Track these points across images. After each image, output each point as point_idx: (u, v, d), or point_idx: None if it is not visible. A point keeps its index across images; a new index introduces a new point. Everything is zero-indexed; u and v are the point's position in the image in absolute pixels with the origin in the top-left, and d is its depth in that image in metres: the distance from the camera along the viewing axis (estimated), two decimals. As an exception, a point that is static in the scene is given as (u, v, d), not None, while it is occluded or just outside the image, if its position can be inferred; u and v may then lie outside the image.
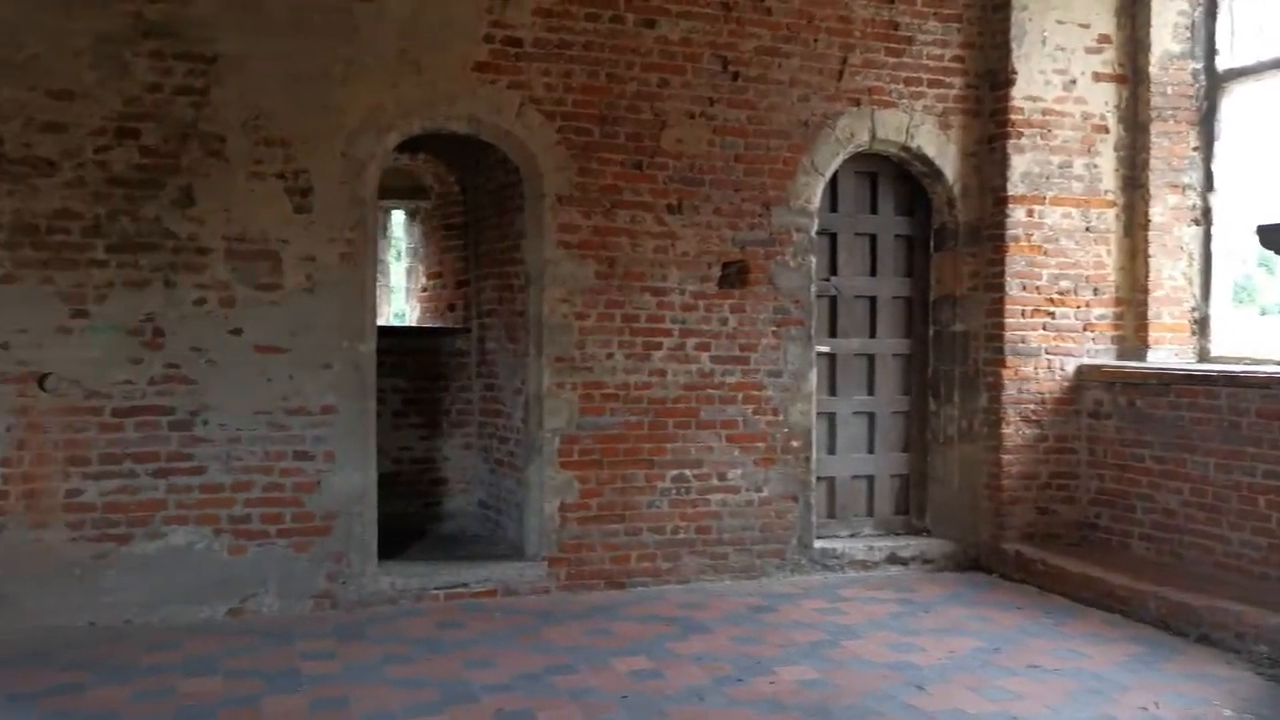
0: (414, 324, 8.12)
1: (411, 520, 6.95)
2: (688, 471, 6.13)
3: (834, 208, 6.69)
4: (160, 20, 5.14)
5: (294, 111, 5.37)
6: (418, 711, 4.11)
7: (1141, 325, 6.63)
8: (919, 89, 6.54)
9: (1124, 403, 6.30)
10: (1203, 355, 6.60)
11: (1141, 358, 6.56)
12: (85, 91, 5.05)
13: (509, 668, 4.63)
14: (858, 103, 6.41)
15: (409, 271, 8.41)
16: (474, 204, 7.32)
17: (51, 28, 4.99)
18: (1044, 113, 6.54)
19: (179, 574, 5.22)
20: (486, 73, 5.69)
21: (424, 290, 8.01)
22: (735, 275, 6.22)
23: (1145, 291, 6.62)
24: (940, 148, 6.61)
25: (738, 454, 6.24)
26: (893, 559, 6.55)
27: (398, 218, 8.46)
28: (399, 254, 9.05)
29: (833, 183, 6.59)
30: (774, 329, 6.30)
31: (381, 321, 6.81)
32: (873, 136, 6.46)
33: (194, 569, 5.24)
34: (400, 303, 8.96)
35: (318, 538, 5.44)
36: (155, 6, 5.13)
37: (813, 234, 6.39)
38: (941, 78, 6.58)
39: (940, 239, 6.86)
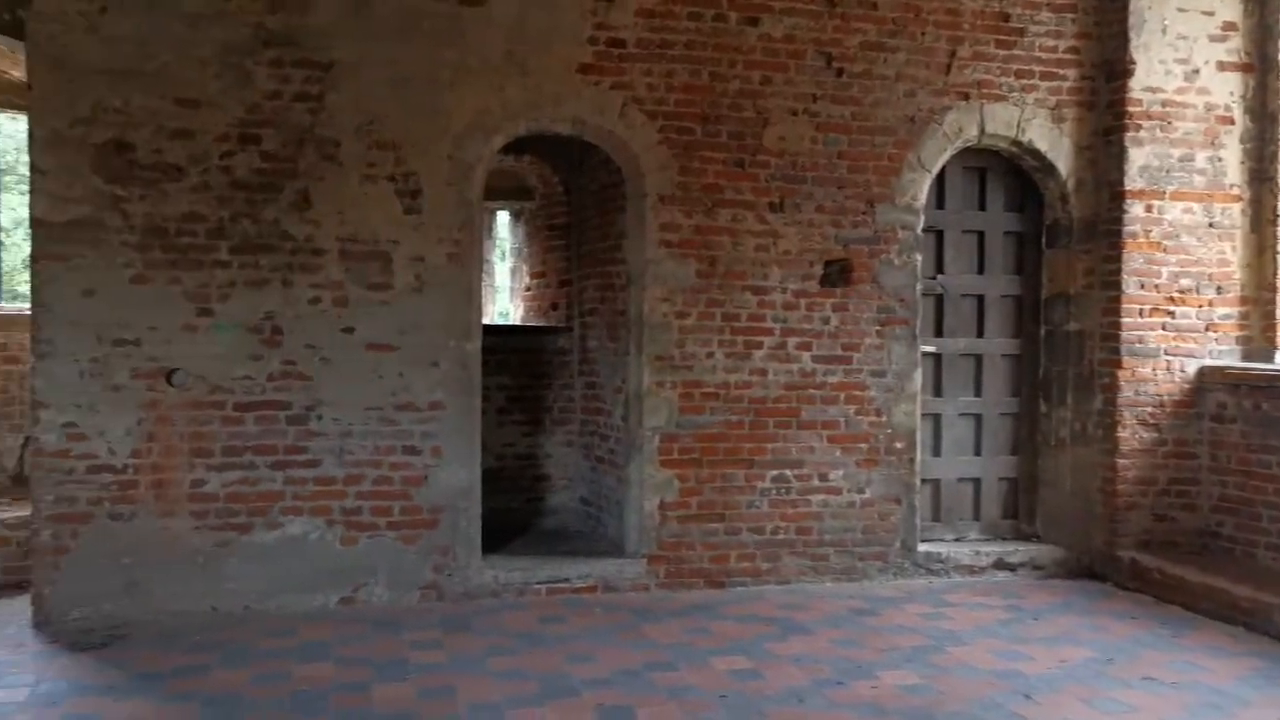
0: (518, 323, 8.26)
1: (514, 515, 7.08)
2: (788, 472, 6.09)
3: (940, 204, 6.56)
4: (280, 30, 5.35)
5: (404, 116, 5.52)
6: (520, 703, 4.18)
7: (1269, 325, 6.33)
8: (1031, 81, 6.36)
9: (1249, 406, 6.01)
10: (1337, 357, 6.27)
11: (1269, 359, 6.25)
12: (210, 100, 5.28)
13: (609, 663, 4.68)
14: (966, 97, 6.27)
15: (513, 271, 8.57)
16: (577, 204, 7.40)
17: (180, 39, 5.23)
18: (1164, 104, 6.28)
19: (294, 563, 5.42)
20: (590, 74, 5.76)
21: (528, 289, 8.14)
22: (838, 274, 6.15)
23: (1273, 289, 6.31)
24: (1053, 142, 6.41)
25: (839, 455, 6.17)
26: (1000, 564, 6.38)
27: (503, 218, 8.61)
28: (504, 254, 9.22)
29: (939, 179, 6.46)
30: (878, 328, 6.21)
31: (487, 320, 6.94)
32: (982, 131, 6.30)
33: (308, 558, 5.44)
34: (505, 302, 9.12)
35: (425, 530, 5.58)
36: (275, 17, 5.34)
37: (918, 231, 6.28)
38: (1055, 70, 6.39)
39: (1053, 236, 6.66)
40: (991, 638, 5.18)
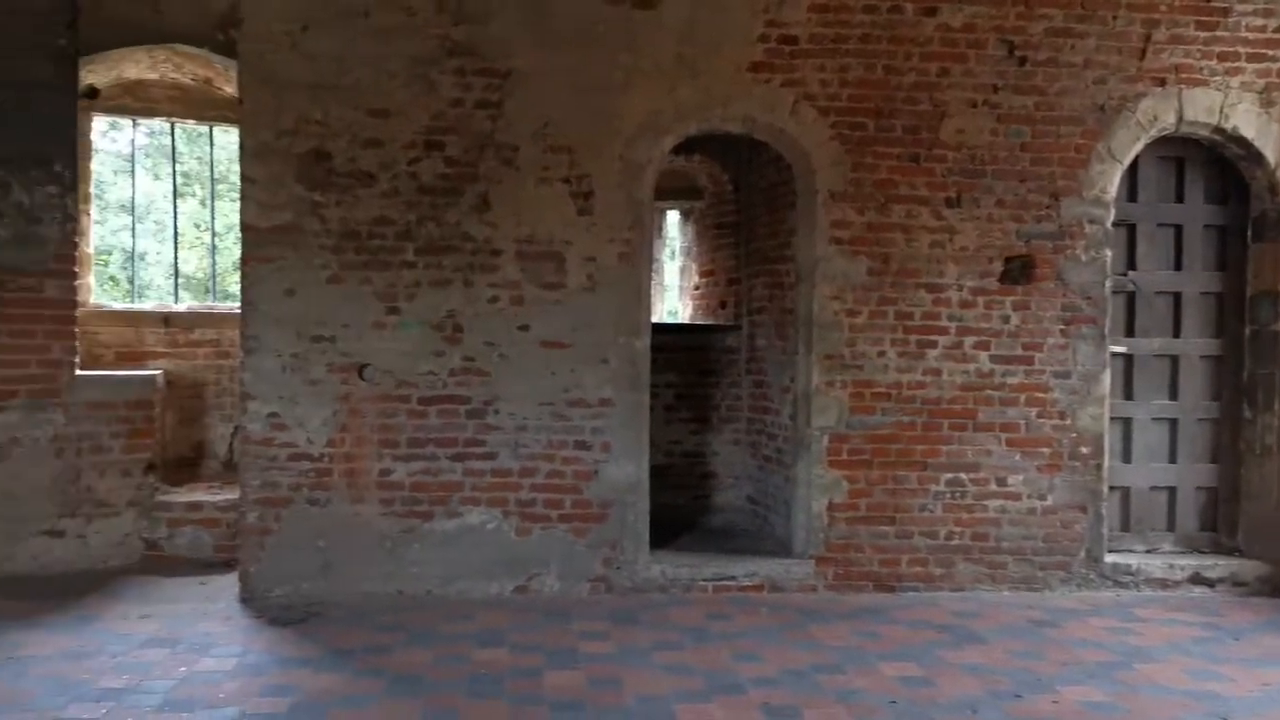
0: (686, 321, 8.32)
1: (681, 512, 7.15)
2: (963, 475, 5.91)
3: (1133, 197, 6.21)
4: (463, 41, 5.59)
5: (578, 119, 5.66)
6: (687, 698, 4.23)
7: None
8: (1235, 64, 5.92)
9: None
10: None
11: None
12: (399, 109, 5.57)
13: (775, 662, 4.67)
14: (1162, 83, 5.90)
15: (682, 270, 8.63)
16: (746, 202, 7.40)
17: (372, 54, 5.55)
18: (1393, 83, 5.74)
19: (472, 551, 5.66)
20: (761, 72, 5.75)
21: (696, 288, 8.19)
22: (1019, 270, 5.92)
23: None
24: (1260, 128, 5.96)
25: (1019, 459, 5.93)
26: (1197, 579, 5.99)
27: (672, 217, 8.69)
28: (673, 253, 9.30)
29: (1132, 170, 6.11)
30: (1062, 327, 5.94)
31: (656, 319, 7.04)
32: (1179, 118, 5.92)
33: (485, 547, 5.67)
34: (673, 300, 9.21)
35: (594, 524, 5.72)
36: (459, 28, 5.58)
37: (1108, 225, 5.96)
38: (1263, 51, 5.93)
39: (1260, 229, 6.18)
40: (1185, 656, 4.87)
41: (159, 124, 7.54)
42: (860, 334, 5.86)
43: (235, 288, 6.98)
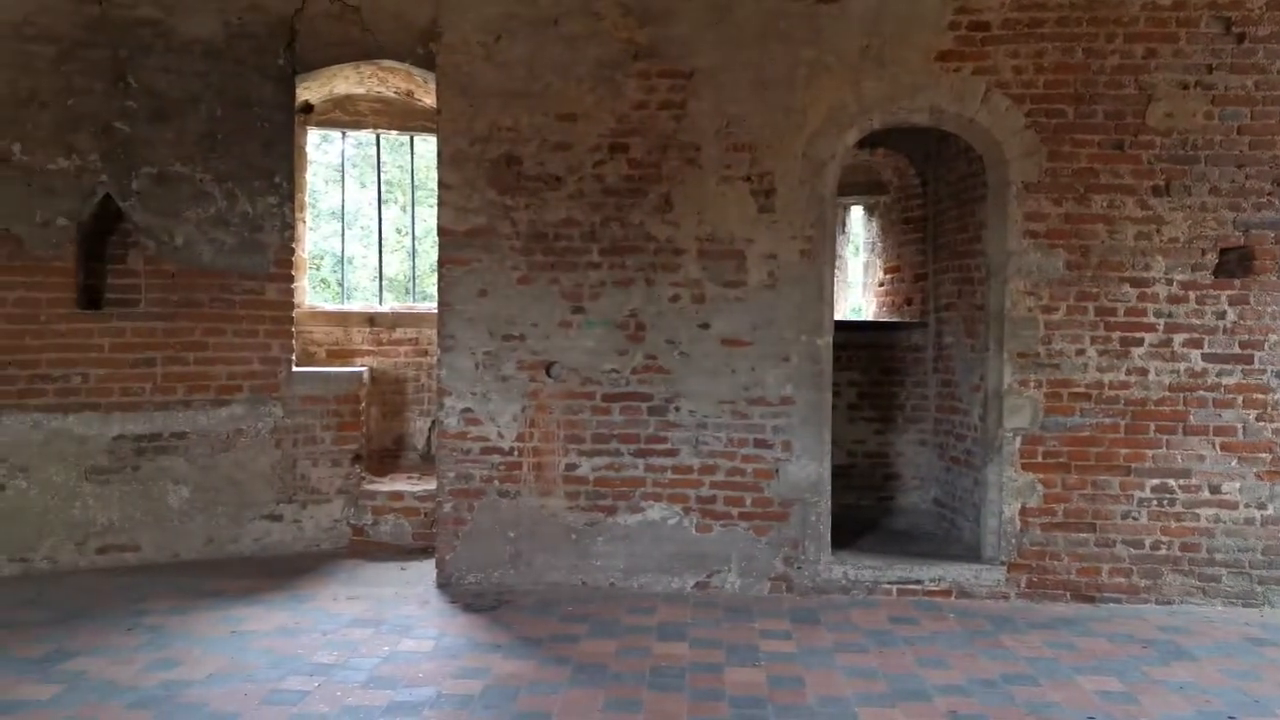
0: (870, 318, 8.16)
1: (863, 513, 7.02)
2: (1172, 481, 5.54)
3: (1371, 180, 5.64)
4: (647, 43, 5.68)
5: (760, 117, 5.65)
6: (869, 701, 4.16)
7: None
8: None
9: None
10: None
11: None
12: (585, 113, 5.73)
13: (963, 670, 4.53)
14: None
15: (866, 266, 8.47)
16: (933, 196, 7.19)
17: (560, 60, 5.72)
18: None
19: (654, 546, 5.75)
20: (950, 61, 5.57)
21: (881, 285, 8.02)
22: (1236, 262, 5.50)
23: None
24: None
25: (1235, 465, 5.51)
26: None
27: (856, 213, 8.54)
28: (857, 249, 9.14)
29: (1370, 151, 5.56)
30: (1286, 324, 5.48)
31: (838, 316, 6.94)
32: None
33: (666, 543, 5.75)
34: (857, 297, 9.05)
35: (775, 523, 5.70)
36: (643, 31, 5.68)
37: (1341, 212, 5.46)
38: None
39: None
40: None
41: (365, 135, 8.01)
42: (1057, 331, 5.59)
43: (433, 289, 7.34)
